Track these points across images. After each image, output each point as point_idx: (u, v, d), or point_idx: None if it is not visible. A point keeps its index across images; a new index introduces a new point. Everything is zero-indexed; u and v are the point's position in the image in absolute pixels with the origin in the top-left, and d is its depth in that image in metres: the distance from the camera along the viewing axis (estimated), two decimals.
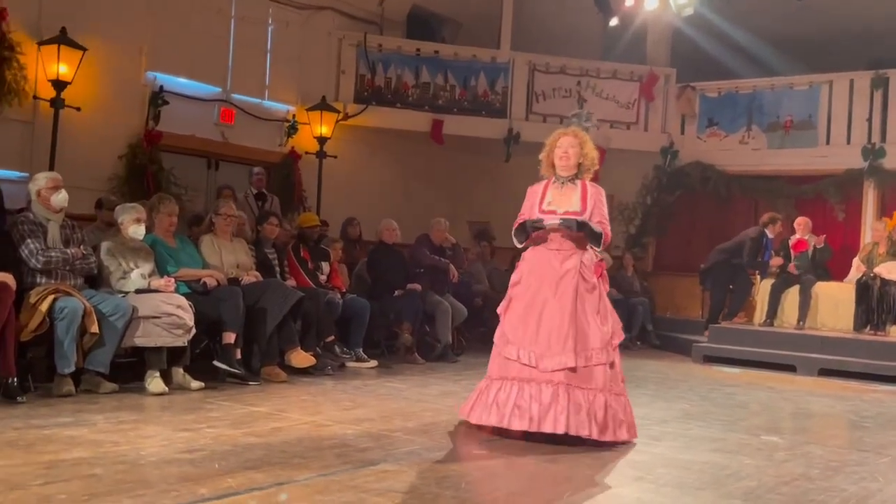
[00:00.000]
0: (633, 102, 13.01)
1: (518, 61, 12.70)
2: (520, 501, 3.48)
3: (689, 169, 12.90)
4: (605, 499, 3.60)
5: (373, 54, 12.22)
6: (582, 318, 4.71)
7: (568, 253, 4.83)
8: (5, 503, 3.08)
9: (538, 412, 4.52)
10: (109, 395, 5.56)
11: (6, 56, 8.46)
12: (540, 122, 12.63)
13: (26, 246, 5.63)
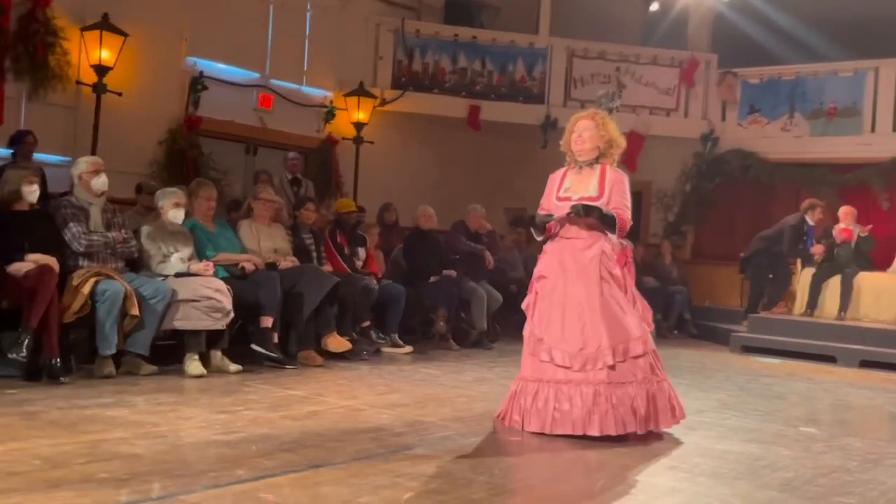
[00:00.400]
0: (674, 89, 12.87)
1: (556, 47, 12.62)
2: (553, 488, 3.50)
3: (729, 156, 12.73)
4: (639, 487, 3.60)
5: (410, 40, 12.22)
6: (611, 310, 4.52)
7: (588, 242, 4.63)
8: (50, 480, 3.16)
9: (581, 415, 4.35)
10: (149, 377, 5.66)
11: (50, 42, 8.60)
12: (578, 108, 12.43)
13: (69, 229, 5.74)
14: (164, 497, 3.05)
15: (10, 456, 3.47)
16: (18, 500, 2.91)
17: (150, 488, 3.14)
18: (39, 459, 3.44)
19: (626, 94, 12.69)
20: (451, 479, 3.52)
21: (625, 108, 12.66)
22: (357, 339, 7.37)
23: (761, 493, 3.60)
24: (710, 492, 3.59)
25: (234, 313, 6.14)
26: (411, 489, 3.35)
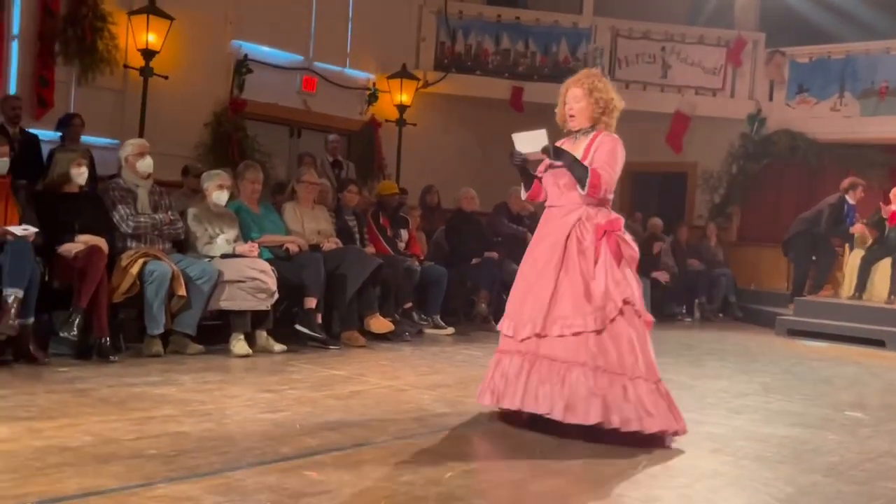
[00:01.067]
0: (720, 68, 12.67)
1: (600, 27, 12.50)
2: (595, 469, 3.49)
3: (776, 137, 12.50)
4: (681, 469, 3.58)
5: (453, 21, 12.18)
6: (564, 281, 4.07)
7: (567, 209, 4.23)
8: (100, 456, 3.23)
9: (503, 386, 4.12)
10: (196, 356, 5.75)
11: (98, 26, 8.73)
12: (623, 88, 12.29)
13: (117, 211, 5.84)
14: (210, 473, 3.10)
15: (63, 432, 3.55)
16: (70, 474, 2.98)
17: (197, 464, 3.20)
18: (90, 436, 3.52)
19: (672, 74, 12.58)
20: (493, 460, 3.54)
21: (670, 88, 12.57)
22: (399, 320, 7.41)
23: (805, 477, 3.56)
24: (754, 475, 3.56)
25: (278, 294, 6.20)
26: (452, 468, 3.37)
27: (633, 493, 3.21)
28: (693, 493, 3.27)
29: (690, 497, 3.21)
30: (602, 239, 4.12)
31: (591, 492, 3.21)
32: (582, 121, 4.35)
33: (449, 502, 2.98)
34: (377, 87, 11.51)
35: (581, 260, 4.09)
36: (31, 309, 5.08)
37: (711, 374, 6.41)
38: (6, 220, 5.21)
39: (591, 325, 3.96)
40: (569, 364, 3.94)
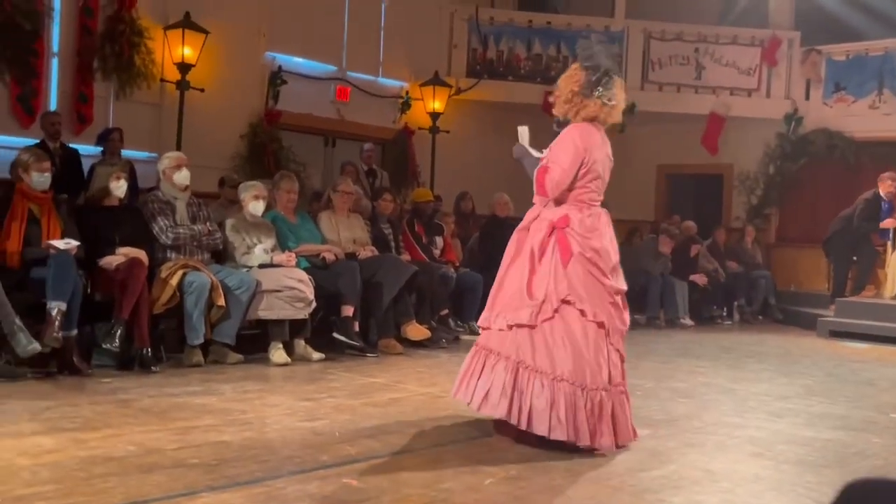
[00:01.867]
0: (755, 68, 12.54)
1: (633, 29, 12.44)
2: (633, 476, 3.47)
3: (814, 136, 12.35)
4: (724, 474, 3.54)
5: (485, 27, 12.20)
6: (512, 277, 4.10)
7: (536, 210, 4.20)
8: (143, 465, 3.27)
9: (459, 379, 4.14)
10: (236, 366, 5.79)
11: (135, 42, 8.87)
12: (656, 90, 12.38)
13: (156, 223, 5.91)
14: (251, 482, 3.12)
15: (107, 442, 3.59)
16: (115, 484, 3.02)
17: (238, 473, 3.22)
18: (133, 445, 3.56)
19: (706, 75, 12.47)
20: (531, 465, 3.52)
21: (704, 89, 12.46)
22: (436, 327, 7.42)
23: None
24: (796, 479, 3.51)
25: (315, 303, 6.24)
26: (491, 474, 3.36)
27: (675, 498, 3.18)
28: (735, 497, 3.23)
29: (732, 502, 3.18)
30: (551, 236, 3.99)
31: (632, 497, 3.18)
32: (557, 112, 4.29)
33: None
34: (410, 95, 11.56)
35: (529, 259, 4.01)
36: (74, 321, 5.14)
37: (752, 377, 6.34)
38: (49, 235, 5.29)
39: (525, 319, 3.87)
40: (498, 356, 3.93)
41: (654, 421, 4.49)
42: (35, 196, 5.38)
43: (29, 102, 8.29)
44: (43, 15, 8.30)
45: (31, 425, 3.84)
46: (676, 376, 6.22)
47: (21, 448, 3.43)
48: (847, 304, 9.80)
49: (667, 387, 5.70)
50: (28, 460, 3.26)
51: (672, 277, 10.30)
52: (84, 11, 8.67)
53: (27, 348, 4.74)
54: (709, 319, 10.80)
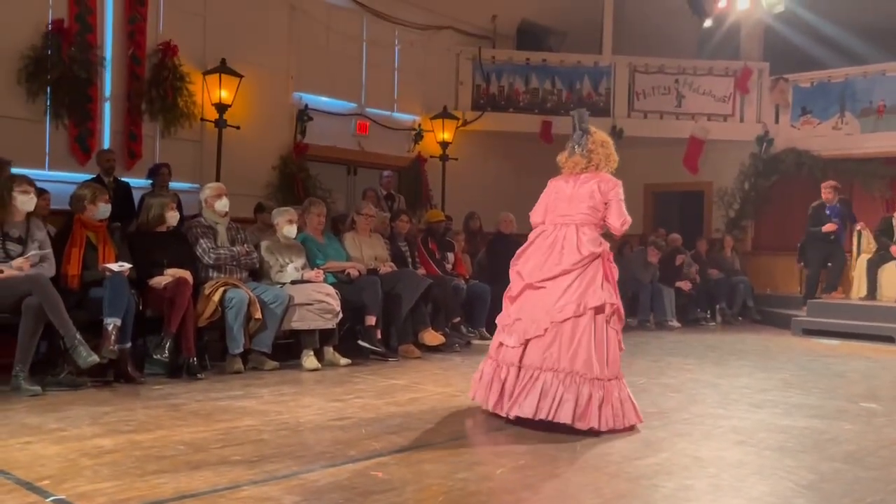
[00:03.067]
0: (729, 96, 12.54)
1: (619, 64, 12.45)
2: (631, 464, 3.45)
3: (784, 155, 12.33)
4: (710, 461, 3.51)
5: (487, 66, 12.24)
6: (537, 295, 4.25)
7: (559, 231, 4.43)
8: (192, 463, 3.27)
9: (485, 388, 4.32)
10: (272, 372, 5.79)
11: (178, 86, 8.93)
12: (641, 118, 12.40)
13: (200, 245, 5.94)
14: (288, 476, 3.11)
15: (159, 442, 3.60)
16: (166, 479, 3.02)
17: (277, 468, 3.22)
18: (183, 445, 3.56)
19: (686, 103, 12.49)
20: (538, 456, 3.51)
21: (684, 115, 12.47)
22: (449, 333, 7.40)
23: (826, 465, 3.47)
24: (777, 464, 3.48)
25: (342, 314, 6.24)
26: (503, 465, 3.35)
27: (668, 483, 3.16)
28: (721, 482, 3.20)
29: (719, 486, 3.15)
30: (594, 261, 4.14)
31: (629, 483, 3.16)
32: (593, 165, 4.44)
33: (500, 496, 2.96)
34: (422, 128, 11.60)
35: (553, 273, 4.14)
36: (128, 335, 5.16)
37: (734, 373, 6.30)
38: (104, 259, 5.32)
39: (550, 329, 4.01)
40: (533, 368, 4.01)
41: (647, 413, 4.45)
42: (92, 225, 5.42)
43: (85, 142, 8.35)
44: (96, 64, 8.37)
45: (92, 429, 3.84)
46: (667, 373, 6.19)
47: (84, 449, 3.44)
48: (818, 305, 9.73)
49: (658, 382, 5.67)
50: (90, 460, 3.27)
51: (660, 284, 10.27)
52: (132, 60, 8.74)
53: (87, 360, 4.75)
54: (694, 321, 10.74)
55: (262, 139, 9.75)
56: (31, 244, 5.06)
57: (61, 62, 8.06)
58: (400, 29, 11.56)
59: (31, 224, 5.15)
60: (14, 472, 3.06)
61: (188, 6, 9.20)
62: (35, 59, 7.98)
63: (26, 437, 3.65)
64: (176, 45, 8.92)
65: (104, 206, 5.43)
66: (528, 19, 13.25)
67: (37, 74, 7.99)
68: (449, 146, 11.54)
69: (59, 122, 8.20)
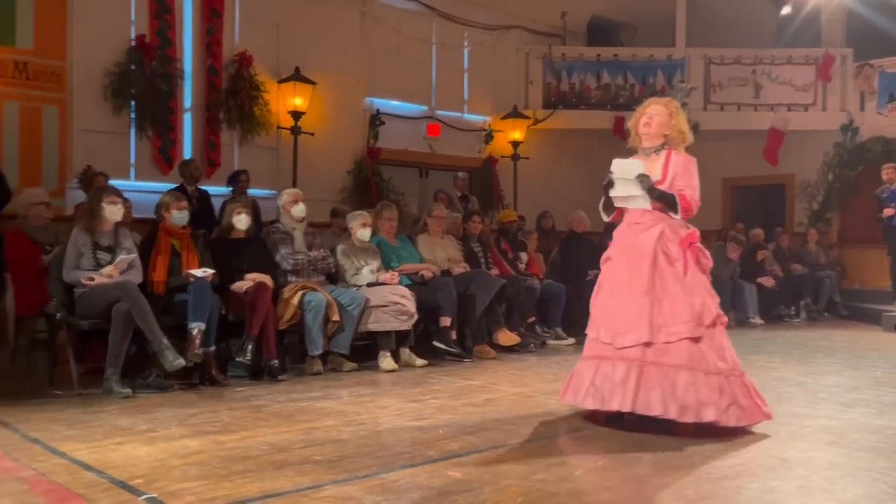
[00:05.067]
0: (810, 85, 12.12)
1: (693, 56, 12.19)
2: (715, 465, 3.36)
3: (870, 144, 11.83)
4: (799, 462, 3.40)
5: (557, 63, 12.15)
6: (661, 292, 3.95)
7: (648, 225, 4.09)
8: (275, 463, 3.34)
9: (609, 390, 3.94)
10: (350, 373, 5.87)
11: (254, 95, 9.16)
12: (718, 110, 12.10)
13: (278, 251, 6.06)
14: (368, 476, 3.15)
15: (243, 443, 3.69)
16: (251, 479, 3.09)
17: (357, 468, 3.26)
18: (266, 445, 3.64)
19: (764, 93, 12.12)
20: (618, 457, 3.46)
21: (763, 107, 12.10)
22: (524, 333, 7.37)
23: None
24: (870, 465, 3.34)
25: (417, 315, 6.28)
26: (581, 466, 3.32)
27: (753, 484, 3.07)
28: (811, 483, 3.09)
29: (809, 488, 3.04)
30: (687, 250, 4.04)
31: (711, 484, 3.09)
32: (656, 137, 4.17)
33: (579, 497, 2.93)
34: (493, 128, 11.60)
35: (670, 272, 3.99)
36: (211, 339, 5.29)
37: (821, 371, 6.08)
38: (188, 265, 5.48)
39: (694, 331, 3.88)
40: (676, 368, 3.84)
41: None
42: (176, 232, 5.59)
43: (168, 153, 8.64)
44: (177, 77, 8.66)
45: (180, 430, 3.97)
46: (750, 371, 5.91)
47: (172, 450, 3.55)
48: None
49: None
50: (178, 460, 3.38)
51: (741, 281, 10.00)
52: (210, 71, 9.01)
53: (174, 364, 4.90)
54: (777, 318, 10.42)
55: (336, 144, 9.91)
56: (120, 252, 5.26)
57: (144, 76, 8.37)
58: (469, 30, 11.59)
59: (120, 233, 5.36)
60: (109, 471, 3.19)
61: (262, 17, 9.42)
62: (119, 75, 8.32)
63: (119, 437, 3.79)
64: (251, 56, 9.15)
65: (177, 214, 5.57)
66: (599, 15, 13.11)
67: (121, 89, 8.32)
68: (520, 145, 11.51)
69: (143, 133, 8.52)
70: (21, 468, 3.24)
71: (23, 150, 7.82)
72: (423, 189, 11.15)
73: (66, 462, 3.33)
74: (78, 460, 3.35)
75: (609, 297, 4.14)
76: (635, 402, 3.85)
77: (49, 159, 7.97)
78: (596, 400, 3.99)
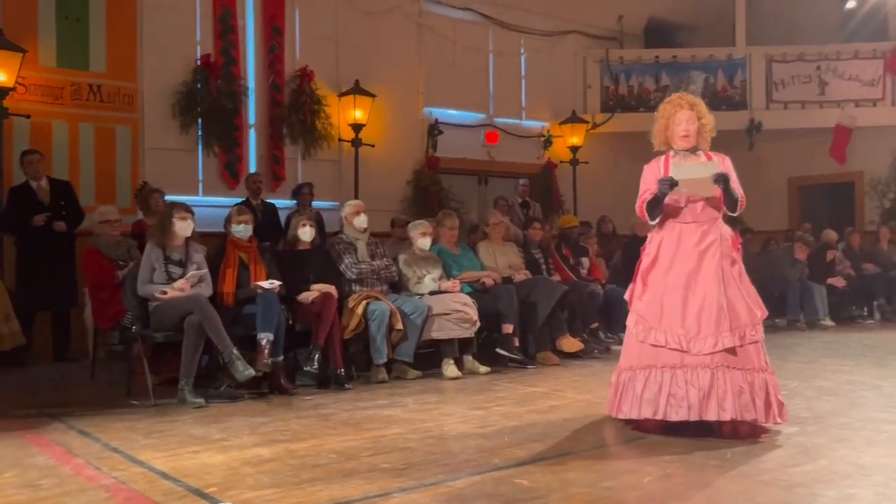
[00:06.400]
0: (878, 79, 11.73)
1: (754, 55, 11.93)
2: (785, 471, 3.27)
3: None
4: (876, 468, 3.27)
5: (615, 67, 12.04)
6: (731, 293, 3.89)
7: (705, 225, 4.00)
8: (343, 471, 3.38)
9: (697, 399, 3.77)
10: (415, 381, 5.90)
11: (315, 109, 9.32)
12: (781, 109, 11.82)
13: (342, 262, 6.15)
14: (435, 483, 3.16)
15: (312, 451, 3.74)
16: (320, 487, 3.14)
17: (424, 476, 3.27)
18: (334, 453, 3.69)
19: (829, 90, 11.80)
20: (686, 464, 3.40)
21: (828, 104, 11.76)
22: (587, 339, 7.30)
23: None
24: None
25: (479, 322, 6.28)
26: (649, 473, 3.27)
27: (827, 492, 2.98)
28: (890, 490, 2.98)
29: (888, 495, 2.93)
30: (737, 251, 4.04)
31: (784, 491, 3.01)
32: (694, 141, 4.15)
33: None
34: (551, 133, 11.56)
35: (732, 272, 3.96)
36: (280, 348, 5.38)
37: None
38: (255, 277, 5.59)
39: (761, 334, 3.91)
40: (754, 370, 3.84)
41: (802, 418, 4.24)
42: (243, 245, 5.72)
43: (234, 168, 8.85)
44: (241, 94, 8.87)
45: (252, 438, 4.05)
46: (821, 375, 5.84)
47: (244, 458, 3.63)
48: None
49: (812, 385, 5.37)
50: (251, 468, 3.45)
51: (810, 282, 9.72)
52: (273, 87, 9.21)
53: (244, 374, 5.01)
54: (849, 320, 10.09)
55: (395, 155, 10.00)
56: (191, 266, 5.41)
57: (209, 95, 8.60)
58: (525, 37, 11.57)
59: (190, 247, 5.51)
60: (185, 479, 3.28)
61: (321, 32, 9.59)
62: (187, 94, 8.56)
63: (194, 446, 3.89)
64: (312, 71, 9.31)
65: (237, 227, 5.69)
66: (656, 17, 12.94)
67: (189, 108, 8.57)
68: (579, 150, 11.43)
69: (209, 150, 8.75)
70: (102, 476, 3.36)
71: (98, 169, 8.13)
72: (483, 196, 11.16)
73: (145, 470, 3.44)
74: (156, 468, 3.45)
75: (669, 302, 3.96)
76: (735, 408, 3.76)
77: (122, 177, 8.25)
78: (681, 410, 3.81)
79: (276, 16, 9.26)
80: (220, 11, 8.84)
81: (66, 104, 7.98)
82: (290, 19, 9.39)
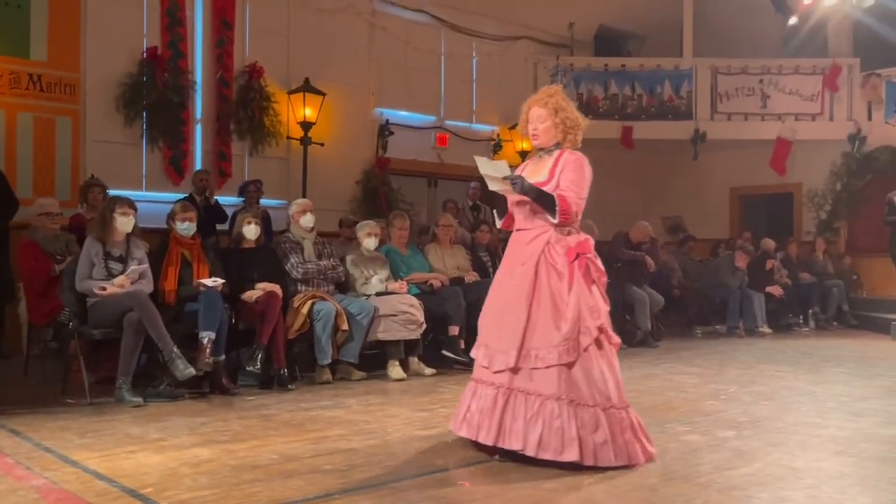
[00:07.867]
0: (817, 94, 12.10)
1: (700, 66, 12.19)
2: (721, 474, 3.34)
3: (878, 153, 11.81)
4: (808, 471, 3.38)
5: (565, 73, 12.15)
6: (537, 310, 3.49)
7: (534, 233, 3.64)
8: (285, 472, 3.34)
9: (478, 419, 3.56)
10: (359, 382, 5.87)
11: (264, 106, 9.21)
12: (725, 120, 12.09)
13: (288, 261, 6.08)
14: (378, 485, 3.15)
15: (252, 452, 3.69)
16: (260, 488, 3.09)
17: (367, 477, 3.25)
18: (276, 454, 3.64)
19: (771, 103, 12.11)
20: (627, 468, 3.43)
21: (770, 116, 12.08)
22: None
23: None
24: (879, 476, 3.32)
25: (426, 324, 6.29)
26: (591, 476, 3.28)
27: (762, 494, 3.05)
28: (821, 493, 3.07)
29: (818, 498, 3.02)
30: (574, 262, 3.51)
31: (721, 494, 3.07)
32: (546, 140, 3.76)
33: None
34: (501, 137, 11.61)
35: (553, 287, 3.49)
36: (221, 348, 5.30)
37: (830, 380, 6.05)
38: (198, 275, 5.50)
39: (565, 357, 3.38)
40: (543, 398, 3.38)
41: (739, 423, 4.33)
42: (186, 242, 5.62)
43: (179, 163, 8.68)
44: (188, 88, 8.71)
45: (191, 438, 3.98)
46: (758, 381, 5.99)
47: (183, 458, 3.56)
48: None
49: (749, 391, 5.50)
50: (189, 469, 3.38)
51: (749, 290, 9.97)
52: (221, 82, 9.06)
53: (184, 373, 4.92)
54: (786, 327, 10.38)
55: (345, 155, 9.94)
56: (131, 262, 5.29)
57: (155, 88, 8.42)
58: (477, 41, 11.62)
59: (131, 243, 5.38)
60: (120, 480, 3.20)
61: (272, 27, 9.48)
62: (132, 86, 8.37)
63: (130, 446, 3.80)
64: (261, 67, 9.20)
65: (181, 224, 5.59)
66: (606, 25, 13.12)
67: (133, 100, 8.38)
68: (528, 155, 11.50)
69: (154, 144, 8.56)
70: (33, 476, 3.25)
71: (36, 160, 7.89)
72: (432, 199, 11.17)
73: (78, 471, 3.34)
74: (90, 469, 3.36)
75: (491, 313, 3.72)
76: (498, 435, 3.45)
77: (62, 170, 8.03)
78: (471, 429, 3.61)
79: (225, 9, 9.12)
80: (167, 3, 8.67)
81: (5, 93, 7.74)
82: (240, 13, 9.26)
